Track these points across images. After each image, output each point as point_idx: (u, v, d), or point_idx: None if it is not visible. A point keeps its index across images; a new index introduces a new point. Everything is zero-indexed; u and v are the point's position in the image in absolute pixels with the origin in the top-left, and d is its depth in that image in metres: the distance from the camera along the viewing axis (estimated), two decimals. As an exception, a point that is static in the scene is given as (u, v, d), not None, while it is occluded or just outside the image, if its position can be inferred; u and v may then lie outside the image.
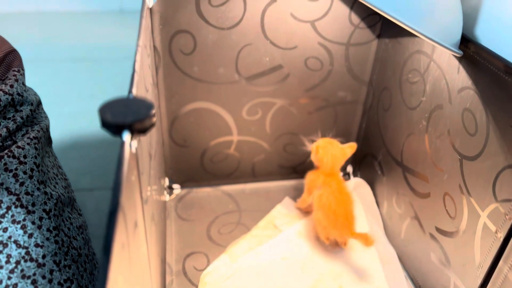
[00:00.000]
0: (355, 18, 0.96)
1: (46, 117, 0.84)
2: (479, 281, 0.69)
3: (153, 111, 0.40)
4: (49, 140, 0.82)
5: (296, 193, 1.13)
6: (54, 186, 0.73)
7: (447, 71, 0.76)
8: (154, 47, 0.91)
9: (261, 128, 1.08)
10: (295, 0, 0.91)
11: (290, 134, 1.11)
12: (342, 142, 1.00)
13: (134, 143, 0.41)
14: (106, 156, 1.43)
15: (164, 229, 0.96)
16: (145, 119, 0.39)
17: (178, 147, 1.07)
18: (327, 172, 0.96)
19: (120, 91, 1.77)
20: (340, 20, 0.96)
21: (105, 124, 0.38)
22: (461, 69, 0.72)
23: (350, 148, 0.99)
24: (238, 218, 1.05)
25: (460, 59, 0.72)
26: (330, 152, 0.96)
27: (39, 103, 0.82)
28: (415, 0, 0.62)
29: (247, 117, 1.06)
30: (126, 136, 0.38)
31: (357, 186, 1.12)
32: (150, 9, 0.87)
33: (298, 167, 1.17)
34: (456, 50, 0.68)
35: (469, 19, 0.72)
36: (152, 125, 0.40)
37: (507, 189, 0.62)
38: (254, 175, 1.16)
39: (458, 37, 0.68)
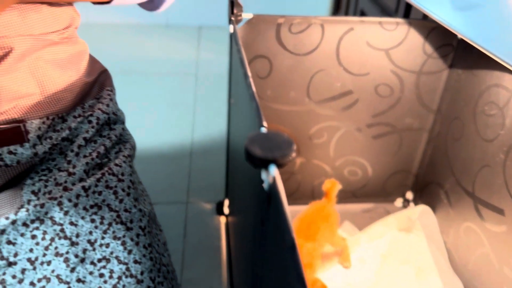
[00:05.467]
0: (429, 48, 0.97)
1: (130, 134, 0.87)
2: None
3: (295, 146, 0.42)
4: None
5: (356, 218, 1.14)
6: (144, 203, 0.76)
7: (532, 107, 0.77)
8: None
9: (324, 151, 1.10)
10: (372, 29, 0.93)
11: (353, 158, 1.12)
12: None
13: (273, 176, 0.43)
14: (161, 171, 1.46)
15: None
16: (289, 154, 0.41)
17: (244, 167, 1.09)
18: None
19: (170, 105, 1.82)
20: (414, 49, 0.97)
21: (252, 158, 0.40)
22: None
23: (332, 186, 0.98)
24: (301, 239, 1.06)
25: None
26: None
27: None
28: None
29: (313, 140, 1.07)
30: (273, 169, 0.40)
31: (422, 213, 1.12)
32: (231, 35, 0.90)
33: (358, 192, 1.18)
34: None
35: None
36: (292, 159, 0.42)
37: None
38: (313, 197, 1.18)
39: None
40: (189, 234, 1.19)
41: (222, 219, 1.26)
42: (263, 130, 0.47)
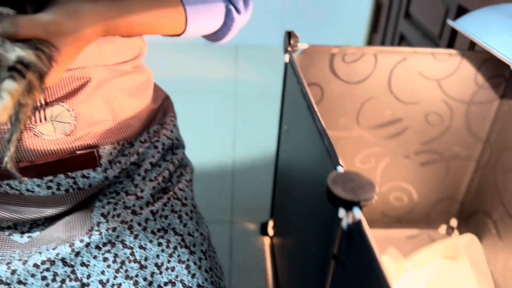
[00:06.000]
0: (480, 79, 0.98)
1: (188, 158, 0.90)
2: None
3: (377, 188, 0.43)
4: (190, 180, 0.88)
5: (400, 244, 1.14)
6: (203, 226, 0.78)
7: None
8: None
9: (371, 177, 1.11)
10: (425, 59, 0.95)
11: (400, 184, 1.12)
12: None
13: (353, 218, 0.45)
14: (204, 189, 1.49)
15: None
16: (372, 197, 0.43)
17: (290, 190, 1.11)
18: None
19: (210, 123, 1.85)
20: (466, 80, 0.98)
21: (335, 199, 0.42)
22: None
23: None
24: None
25: None
26: None
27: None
28: None
29: (359, 165, 1.08)
30: (358, 212, 0.42)
31: (468, 242, 1.11)
32: (287, 64, 0.93)
33: (402, 218, 1.18)
34: None
35: None
36: (371, 202, 0.44)
37: None
38: (357, 221, 1.18)
39: None
40: (235, 254, 1.21)
41: (266, 240, 1.28)
42: (340, 169, 0.49)
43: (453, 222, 1.21)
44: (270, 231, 1.25)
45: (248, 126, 1.87)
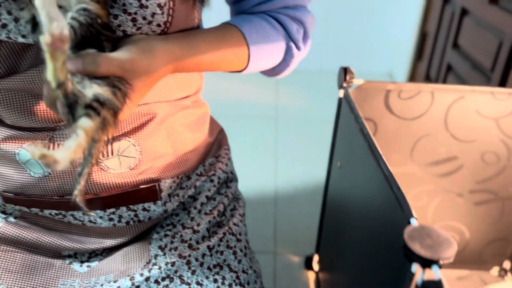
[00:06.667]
0: (542, 118, 0.95)
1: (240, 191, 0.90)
2: None
3: (456, 246, 0.42)
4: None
5: (450, 285, 1.10)
6: (255, 262, 0.78)
7: None
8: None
9: (422, 215, 1.08)
10: (483, 98, 0.92)
11: (452, 223, 1.09)
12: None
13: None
14: (246, 217, 1.48)
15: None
16: (453, 256, 0.41)
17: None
18: None
19: (252, 148, 1.86)
20: (526, 119, 0.95)
21: (413, 255, 0.41)
22: None
23: None
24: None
25: None
26: None
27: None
28: None
29: (411, 202, 1.06)
30: (437, 270, 0.41)
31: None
32: (341, 99, 0.93)
33: (455, 256, 1.14)
34: None
35: None
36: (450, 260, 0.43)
37: None
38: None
39: None
40: (278, 287, 1.20)
41: (311, 275, 1.26)
42: (415, 222, 0.48)
43: (506, 264, 1.16)
44: (315, 266, 1.23)
45: (289, 153, 1.87)
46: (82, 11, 0.51)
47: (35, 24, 0.50)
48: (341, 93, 0.92)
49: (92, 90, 0.48)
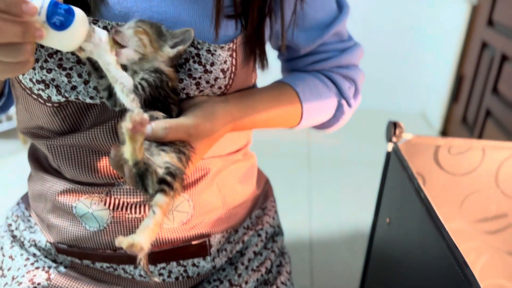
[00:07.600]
0: None
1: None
2: None
3: None
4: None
5: None
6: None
7: None
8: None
9: (469, 271, 1.04)
10: (537, 155, 0.90)
11: (501, 282, 1.04)
12: None
13: None
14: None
15: None
16: None
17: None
18: None
19: (284, 188, 1.83)
20: None
21: None
22: None
23: None
24: None
25: None
26: None
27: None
28: None
29: (457, 259, 1.02)
30: None
31: None
32: (389, 153, 0.91)
33: (502, 317, 1.09)
34: None
35: None
36: None
37: None
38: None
39: None
40: None
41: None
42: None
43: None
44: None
45: (324, 194, 1.84)
46: (153, 73, 0.52)
47: (111, 92, 0.52)
48: (389, 147, 0.90)
49: (160, 158, 0.49)
